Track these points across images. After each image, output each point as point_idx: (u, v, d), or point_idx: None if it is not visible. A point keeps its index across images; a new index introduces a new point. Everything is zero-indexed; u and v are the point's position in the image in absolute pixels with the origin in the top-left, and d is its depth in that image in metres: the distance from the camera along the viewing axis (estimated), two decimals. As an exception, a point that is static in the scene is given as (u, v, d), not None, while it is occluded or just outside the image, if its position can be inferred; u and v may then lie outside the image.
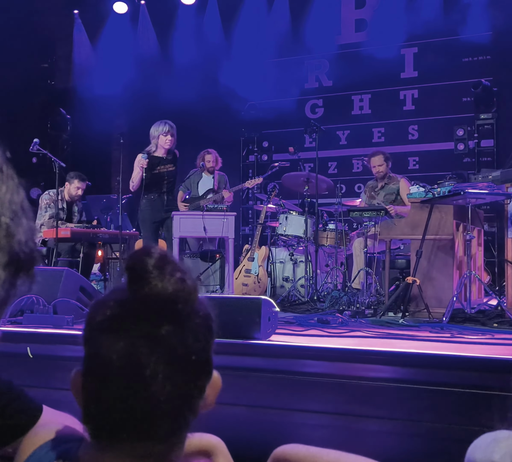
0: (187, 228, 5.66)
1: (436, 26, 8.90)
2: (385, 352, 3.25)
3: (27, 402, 1.25)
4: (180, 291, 0.88)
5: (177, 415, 0.90)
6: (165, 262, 0.89)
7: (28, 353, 3.72)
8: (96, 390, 0.89)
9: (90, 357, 0.91)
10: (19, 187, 0.86)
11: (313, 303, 5.90)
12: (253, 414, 3.25)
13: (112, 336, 0.88)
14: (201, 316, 0.92)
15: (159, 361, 0.87)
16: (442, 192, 4.83)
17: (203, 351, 0.92)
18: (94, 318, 0.92)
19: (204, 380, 0.93)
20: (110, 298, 0.92)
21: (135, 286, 0.89)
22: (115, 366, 0.87)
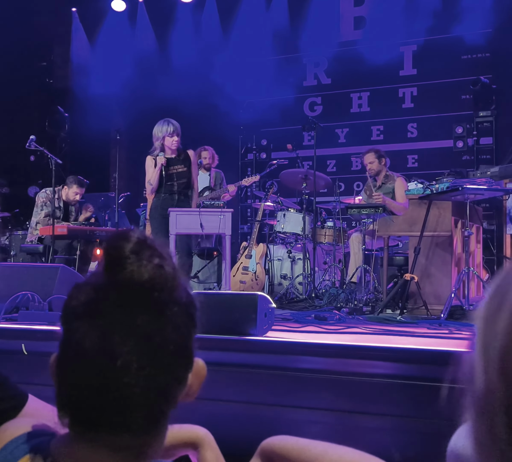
0: (183, 225, 5.62)
1: (435, 24, 8.87)
2: (382, 347, 3.23)
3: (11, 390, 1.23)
4: (157, 277, 0.85)
5: (153, 406, 0.86)
6: (144, 247, 0.86)
7: (23, 350, 3.69)
8: (68, 377, 0.87)
9: (64, 342, 0.88)
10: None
11: (311, 300, 5.88)
12: (249, 410, 3.22)
13: (85, 322, 0.85)
14: (181, 304, 0.88)
15: (132, 350, 0.83)
16: (441, 188, 4.81)
17: (183, 341, 0.89)
18: (70, 302, 0.89)
19: (184, 370, 0.90)
20: (88, 281, 0.89)
21: (111, 271, 0.86)
22: (87, 353, 0.84)
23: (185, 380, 0.91)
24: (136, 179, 10.51)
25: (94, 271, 0.92)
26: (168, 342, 0.86)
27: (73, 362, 0.86)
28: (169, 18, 10.31)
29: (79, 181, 7.10)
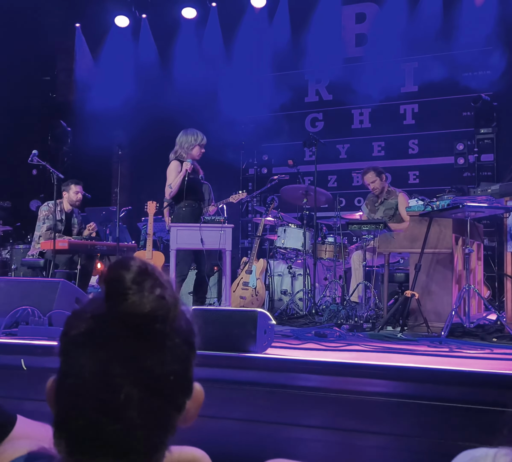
0: (184, 240, 5.62)
1: (436, 41, 8.93)
2: (382, 366, 3.21)
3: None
4: (159, 309, 0.85)
5: (153, 436, 0.86)
6: (145, 276, 0.86)
7: (22, 365, 3.68)
8: (66, 406, 0.86)
9: (63, 370, 0.88)
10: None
11: (311, 316, 5.86)
12: (247, 428, 3.20)
13: (85, 352, 0.85)
14: (181, 334, 0.89)
15: (134, 383, 0.83)
16: (441, 205, 4.81)
17: (183, 370, 0.89)
18: (70, 331, 0.88)
19: (183, 398, 0.90)
20: (87, 309, 0.89)
21: (112, 301, 0.85)
22: (87, 384, 0.84)
23: (184, 407, 0.90)
24: (138, 193, 10.54)
25: (93, 297, 0.92)
26: (169, 373, 0.86)
27: (72, 392, 0.85)
28: (171, 34, 10.39)
29: (74, 181, 7.23)
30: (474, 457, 1.04)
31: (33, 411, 1.28)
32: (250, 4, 9.90)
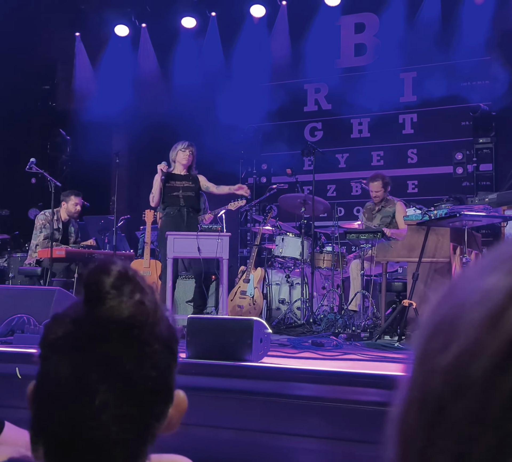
0: (180, 249, 5.61)
1: (435, 51, 8.96)
2: (379, 375, 3.20)
3: None
4: (138, 314, 0.83)
5: (131, 444, 0.84)
6: (125, 281, 0.84)
7: (17, 374, 3.66)
8: (42, 410, 0.85)
9: (41, 375, 0.86)
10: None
11: (309, 325, 5.85)
12: (243, 437, 3.18)
13: (62, 357, 0.84)
14: (161, 341, 0.87)
15: (110, 389, 0.81)
16: (439, 214, 4.81)
17: (162, 377, 0.87)
18: (48, 335, 0.87)
19: (163, 406, 0.88)
20: (67, 314, 0.87)
21: (90, 305, 0.84)
22: (63, 389, 0.82)
23: (165, 415, 0.88)
24: (136, 202, 10.54)
25: (74, 301, 0.91)
26: (147, 379, 0.84)
27: (48, 396, 0.84)
28: (171, 43, 10.42)
29: (74, 192, 7.21)
30: None
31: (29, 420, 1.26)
32: (250, 13, 9.94)
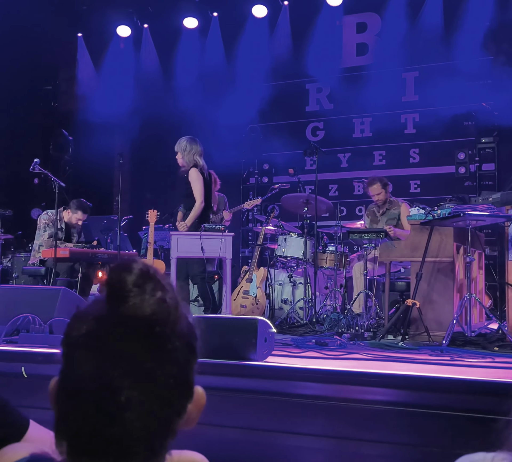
0: (184, 249, 5.62)
1: (437, 50, 8.96)
2: (383, 374, 3.20)
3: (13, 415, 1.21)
4: (160, 312, 0.85)
5: (153, 439, 0.86)
6: (146, 279, 0.86)
7: (23, 373, 3.67)
8: (67, 406, 0.86)
9: (64, 371, 0.88)
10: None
11: (312, 325, 5.85)
12: (247, 436, 3.19)
13: (85, 354, 0.85)
14: (182, 338, 0.88)
15: (134, 386, 0.83)
16: (442, 214, 4.81)
17: (183, 374, 0.88)
18: (71, 332, 0.88)
19: (184, 402, 0.90)
20: (89, 311, 0.89)
21: (113, 303, 0.85)
22: (87, 385, 0.84)
23: (185, 411, 0.90)
24: (139, 202, 10.55)
25: (95, 299, 0.92)
26: (169, 376, 0.86)
27: (73, 392, 0.85)
28: (173, 43, 10.43)
29: (84, 208, 7.08)
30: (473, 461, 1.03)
31: (34, 419, 1.27)
32: (252, 14, 9.95)
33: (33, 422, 1.23)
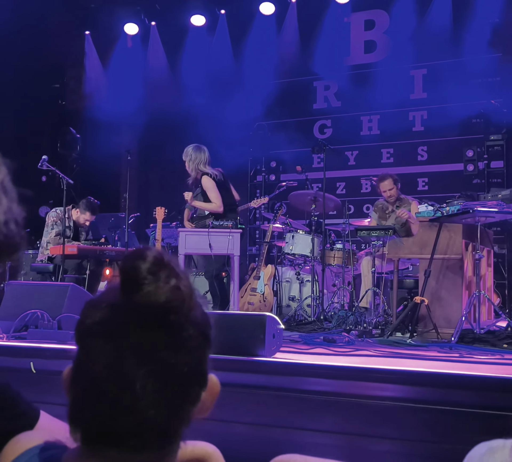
0: (192, 245, 5.62)
1: (445, 48, 8.93)
2: (392, 370, 3.19)
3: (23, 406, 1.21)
4: (174, 300, 0.84)
5: (167, 427, 0.86)
6: (160, 266, 0.85)
7: (32, 368, 3.68)
8: (81, 394, 0.86)
9: (78, 359, 0.88)
10: (1, 165, 0.81)
11: (320, 322, 5.84)
12: (256, 432, 3.18)
13: (100, 342, 0.85)
14: (196, 326, 0.88)
15: (148, 374, 0.83)
16: (451, 211, 4.79)
17: (198, 362, 0.88)
18: (85, 320, 0.88)
19: (198, 390, 0.89)
20: (103, 299, 0.89)
21: (127, 290, 0.85)
22: (101, 373, 0.84)
23: (199, 399, 0.90)
24: (145, 200, 10.56)
25: (110, 287, 0.92)
26: (183, 364, 0.86)
27: (87, 380, 0.85)
28: (180, 41, 10.43)
29: (93, 209, 7.07)
30: (491, 448, 1.02)
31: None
32: (259, 11, 9.94)
33: (43, 412, 1.23)
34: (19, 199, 0.91)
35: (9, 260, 0.81)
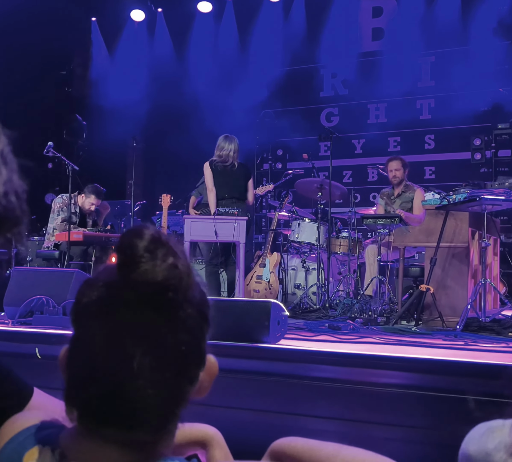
0: (198, 232, 5.61)
1: (454, 35, 8.86)
2: (397, 357, 3.19)
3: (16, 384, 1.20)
4: (172, 278, 0.83)
5: (164, 406, 0.85)
6: (158, 244, 0.84)
7: (37, 354, 3.69)
8: (78, 373, 0.86)
9: (75, 338, 0.87)
10: (0, 134, 0.79)
11: (325, 310, 5.84)
12: (260, 418, 3.19)
13: (97, 321, 0.84)
14: (194, 304, 0.87)
15: (145, 353, 0.82)
16: (458, 199, 4.76)
17: (195, 341, 0.87)
18: (82, 299, 0.87)
19: (195, 370, 0.89)
20: (100, 278, 0.88)
21: (124, 269, 0.84)
22: (98, 352, 0.83)
23: (197, 379, 0.89)
24: (151, 187, 10.56)
25: (106, 265, 0.91)
26: (181, 343, 0.85)
27: (84, 359, 0.85)
28: (187, 28, 10.38)
29: (98, 193, 7.07)
30: (490, 428, 1.02)
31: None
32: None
33: (38, 390, 1.22)
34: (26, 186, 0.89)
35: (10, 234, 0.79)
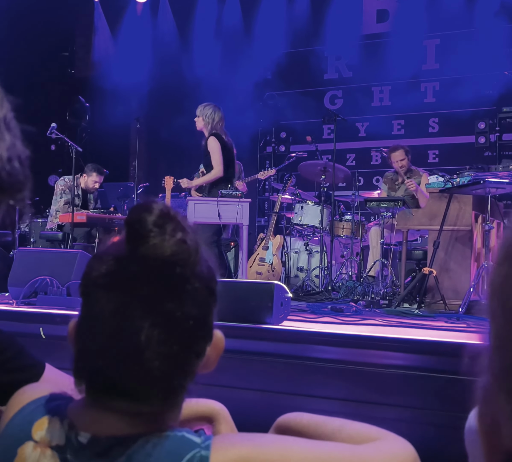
0: (201, 214, 5.61)
1: (459, 18, 8.78)
2: (399, 339, 3.21)
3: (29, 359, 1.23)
4: (180, 253, 0.84)
5: (171, 379, 0.86)
6: (167, 219, 0.85)
7: (41, 334, 3.72)
8: (87, 345, 0.87)
9: (84, 312, 0.89)
10: (3, 100, 0.79)
11: (328, 292, 5.86)
12: (263, 398, 3.22)
13: (106, 294, 0.85)
14: (202, 280, 0.88)
15: (153, 326, 0.84)
16: (462, 182, 4.76)
17: (203, 315, 0.89)
18: (91, 272, 0.88)
19: (203, 344, 0.90)
20: (109, 252, 0.89)
21: (133, 243, 0.85)
22: (107, 325, 0.84)
23: (204, 353, 0.91)
24: (154, 169, 10.54)
25: (115, 240, 0.91)
26: (188, 317, 0.86)
27: (93, 332, 0.86)
28: (190, 8, 10.30)
29: (99, 170, 7.10)
30: None
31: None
32: (271, -22, 9.80)
33: (49, 365, 1.24)
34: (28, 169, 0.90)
35: (13, 200, 0.80)
